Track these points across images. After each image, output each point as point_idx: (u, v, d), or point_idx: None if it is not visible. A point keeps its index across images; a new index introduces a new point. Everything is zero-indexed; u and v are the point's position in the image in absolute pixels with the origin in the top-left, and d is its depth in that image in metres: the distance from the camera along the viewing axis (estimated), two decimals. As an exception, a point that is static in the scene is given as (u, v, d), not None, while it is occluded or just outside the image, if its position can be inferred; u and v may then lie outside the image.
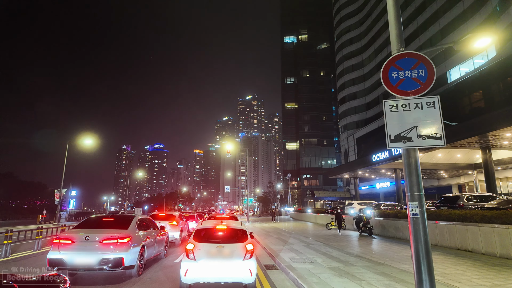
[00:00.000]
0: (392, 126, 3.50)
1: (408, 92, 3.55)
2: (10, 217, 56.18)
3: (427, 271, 3.32)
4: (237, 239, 6.29)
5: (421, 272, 3.37)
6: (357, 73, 63.00)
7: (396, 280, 6.82)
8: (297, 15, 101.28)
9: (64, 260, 6.55)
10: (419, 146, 3.41)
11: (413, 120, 3.45)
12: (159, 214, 15.18)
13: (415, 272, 3.41)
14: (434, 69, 3.50)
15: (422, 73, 3.53)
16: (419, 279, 3.35)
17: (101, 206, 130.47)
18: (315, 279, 6.96)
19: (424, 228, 3.40)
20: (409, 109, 3.50)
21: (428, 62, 3.53)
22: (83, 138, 31.01)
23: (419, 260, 3.38)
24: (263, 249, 12.59)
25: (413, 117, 3.47)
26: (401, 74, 3.60)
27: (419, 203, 3.45)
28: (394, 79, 3.61)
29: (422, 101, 3.48)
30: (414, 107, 3.48)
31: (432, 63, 3.53)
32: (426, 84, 3.51)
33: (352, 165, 36.60)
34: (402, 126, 3.47)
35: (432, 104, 3.43)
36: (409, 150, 3.55)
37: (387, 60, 3.68)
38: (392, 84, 3.61)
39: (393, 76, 3.62)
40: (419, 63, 3.56)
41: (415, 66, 3.57)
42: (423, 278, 3.33)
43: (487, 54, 32.64)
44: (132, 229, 7.63)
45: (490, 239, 9.84)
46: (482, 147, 19.01)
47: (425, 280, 3.31)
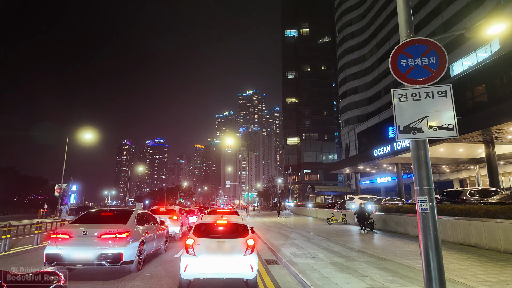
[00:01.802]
0: (401, 117, 3.32)
1: (418, 80, 3.36)
2: (11, 212, 56.46)
3: (436, 268, 3.17)
4: (237, 234, 6.16)
5: (430, 270, 3.22)
6: (358, 67, 62.46)
7: (399, 275, 6.69)
8: (298, 8, 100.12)
9: (61, 255, 6.44)
10: (430, 137, 3.23)
11: (424, 110, 3.27)
12: (159, 208, 15.08)
13: (424, 269, 3.26)
14: (446, 56, 3.31)
15: (433, 60, 3.33)
16: (428, 276, 3.20)
17: (102, 201, 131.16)
18: (317, 274, 6.85)
19: (434, 224, 3.24)
20: (419, 99, 3.31)
21: (439, 49, 3.34)
22: (84, 133, 30.85)
23: (428, 257, 3.23)
24: (264, 243, 12.50)
25: (423, 107, 3.28)
26: (411, 62, 3.41)
27: (429, 197, 3.28)
28: (403, 67, 3.42)
29: (433, 90, 3.29)
30: (425, 97, 3.30)
31: (444, 50, 3.33)
32: (438, 72, 3.32)
33: (353, 160, 36.45)
34: (411, 116, 3.29)
35: (444, 93, 3.24)
36: (418, 142, 3.37)
37: (396, 47, 3.50)
38: (401, 72, 3.42)
39: (402, 63, 3.43)
40: (430, 50, 3.36)
41: (425, 53, 3.37)
42: (432, 276, 3.18)
43: (490, 48, 32.23)
44: (131, 224, 7.51)
45: (494, 234, 9.71)
46: (486, 141, 18.80)
47: (435, 278, 3.16)
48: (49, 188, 74.50)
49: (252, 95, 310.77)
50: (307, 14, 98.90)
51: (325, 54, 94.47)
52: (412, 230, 14.44)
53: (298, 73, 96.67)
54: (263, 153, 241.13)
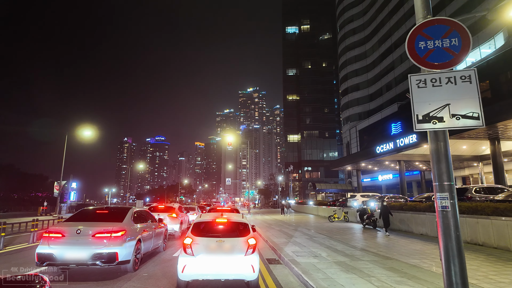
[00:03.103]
0: (420, 105, 2.99)
1: (438, 64, 3.03)
2: (12, 209, 56.29)
3: (459, 273, 2.85)
4: (238, 233, 5.87)
5: (451, 274, 2.90)
6: (360, 64, 61.93)
7: (407, 276, 6.40)
8: (299, 5, 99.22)
9: (53, 255, 6.15)
10: (452, 127, 2.91)
11: (445, 97, 2.94)
12: (158, 206, 14.82)
13: (444, 273, 2.95)
14: (470, 38, 2.98)
15: (456, 42, 3.00)
16: (449, 282, 2.89)
17: (103, 198, 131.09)
18: (321, 275, 6.56)
19: (456, 223, 2.93)
20: (440, 85, 2.99)
21: (462, 29, 3.00)
22: (83, 130, 30.53)
23: (449, 260, 2.92)
24: (265, 242, 12.23)
25: (444, 93, 2.95)
26: (430, 44, 3.08)
27: (450, 194, 2.97)
28: (421, 50, 3.09)
29: (455, 75, 2.96)
30: (446, 82, 2.97)
31: (468, 30, 3.00)
32: (460, 55, 2.99)
33: (355, 157, 36.12)
34: (431, 104, 2.97)
35: (468, 78, 2.92)
36: (437, 132, 3.05)
37: (413, 28, 3.16)
38: (419, 55, 3.09)
39: (420, 46, 3.10)
40: (452, 31, 3.03)
41: (446, 34, 3.04)
42: (453, 281, 2.87)
43: (494, 43, 31.78)
44: (128, 222, 7.22)
45: (503, 233, 9.41)
46: (491, 137, 18.45)
47: (456, 284, 2.85)
48: (49, 185, 74.26)
49: (252, 93, 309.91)
50: (308, 11, 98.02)
51: (326, 51, 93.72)
52: (416, 228, 14.15)
53: (299, 70, 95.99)
54: (264, 151, 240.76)
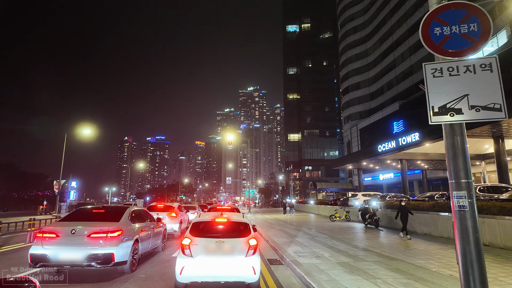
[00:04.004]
0: (436, 96, 2.76)
1: (455, 52, 2.80)
2: (12, 208, 56.19)
3: (478, 279, 2.62)
4: (238, 234, 5.65)
5: (469, 280, 2.67)
6: (361, 63, 61.62)
7: (414, 278, 6.17)
8: (299, 3, 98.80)
9: (47, 256, 5.94)
10: (472, 119, 2.68)
11: (463, 87, 2.71)
12: (157, 205, 14.62)
13: (462, 280, 2.71)
14: (490, 22, 2.74)
15: (474, 27, 2.77)
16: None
17: (103, 197, 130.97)
18: (324, 276, 6.33)
19: (475, 224, 2.70)
20: (457, 73, 2.75)
21: (482, 14, 2.77)
22: (83, 128, 30.29)
23: (467, 265, 2.68)
24: (266, 241, 12.01)
25: (463, 83, 2.72)
26: (446, 30, 2.84)
27: (468, 192, 2.74)
28: (436, 37, 2.86)
29: (474, 63, 2.73)
30: (465, 71, 2.74)
31: (488, 14, 2.76)
32: (480, 42, 2.76)
33: (356, 156, 35.88)
34: (448, 95, 2.73)
35: (489, 66, 2.68)
36: (453, 126, 2.82)
37: (428, 13, 2.93)
38: (435, 42, 2.86)
39: (435, 32, 2.86)
40: (470, 15, 2.79)
41: (464, 19, 2.80)
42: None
43: (497, 41, 31.46)
44: (124, 222, 7.00)
45: (510, 233, 9.18)
46: (495, 136, 18.20)
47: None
48: (49, 184, 74.12)
49: (253, 92, 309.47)
50: (309, 9, 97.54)
51: (327, 49, 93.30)
52: (419, 228, 13.93)
53: (299, 69, 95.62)
54: (264, 150, 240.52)
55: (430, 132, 20.04)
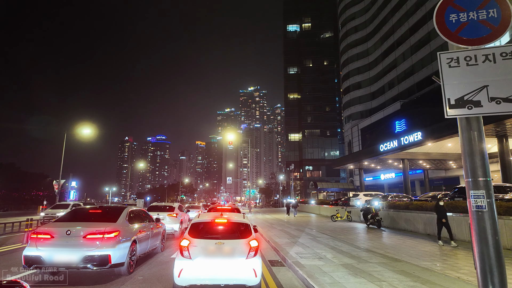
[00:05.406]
0: (452, 87, 2.56)
1: (473, 40, 2.60)
2: (12, 208, 56.08)
3: (498, 285, 2.41)
4: (239, 235, 5.46)
5: (488, 286, 2.47)
6: (361, 62, 61.35)
7: (421, 280, 5.97)
8: (300, 3, 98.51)
9: (41, 258, 5.76)
10: (492, 112, 2.48)
11: (482, 78, 2.51)
12: (157, 205, 14.46)
13: (480, 284, 2.51)
14: (510, 8, 2.54)
15: (494, 13, 2.57)
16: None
17: (104, 197, 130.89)
18: (327, 279, 6.13)
19: (494, 226, 2.50)
20: (475, 63, 2.56)
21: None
22: (83, 128, 30.11)
23: (486, 269, 2.49)
24: (267, 242, 11.82)
25: (481, 73, 2.52)
26: (463, 17, 2.65)
27: (486, 191, 2.54)
28: (452, 24, 2.66)
29: (494, 52, 2.53)
30: (483, 60, 2.54)
31: (508, 0, 2.56)
32: (500, 29, 2.55)
33: (357, 156, 35.65)
34: (466, 86, 2.54)
35: (510, 55, 2.48)
36: (470, 120, 2.62)
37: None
38: (450, 30, 2.66)
39: (451, 19, 2.67)
40: (489, 1, 2.59)
41: (483, 4, 2.61)
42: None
43: (500, 41, 31.24)
44: (122, 222, 6.81)
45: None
46: (498, 135, 17.97)
47: (496, 297, 2.42)
48: (49, 184, 74.05)
49: (253, 92, 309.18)
50: (309, 9, 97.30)
51: (328, 49, 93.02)
52: (422, 228, 13.73)
53: (300, 69, 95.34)
54: (265, 150, 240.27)
55: (433, 131, 19.82)
